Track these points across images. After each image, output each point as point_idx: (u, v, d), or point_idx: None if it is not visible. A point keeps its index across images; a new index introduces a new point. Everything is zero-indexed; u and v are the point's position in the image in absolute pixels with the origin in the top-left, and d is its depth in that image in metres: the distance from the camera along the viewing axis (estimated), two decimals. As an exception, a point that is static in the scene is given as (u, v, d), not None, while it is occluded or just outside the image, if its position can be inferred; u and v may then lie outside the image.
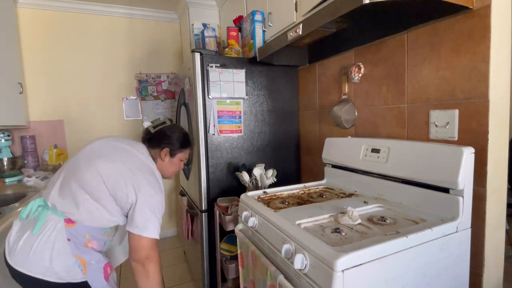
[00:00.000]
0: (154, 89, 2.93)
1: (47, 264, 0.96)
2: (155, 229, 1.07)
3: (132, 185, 1.05)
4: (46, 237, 0.98)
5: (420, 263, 0.87)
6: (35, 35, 2.50)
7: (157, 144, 1.23)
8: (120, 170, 1.06)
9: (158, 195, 1.09)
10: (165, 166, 1.25)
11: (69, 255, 1.00)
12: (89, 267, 1.05)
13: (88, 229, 1.05)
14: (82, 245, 1.05)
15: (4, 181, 1.98)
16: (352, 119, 1.51)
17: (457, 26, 1.03)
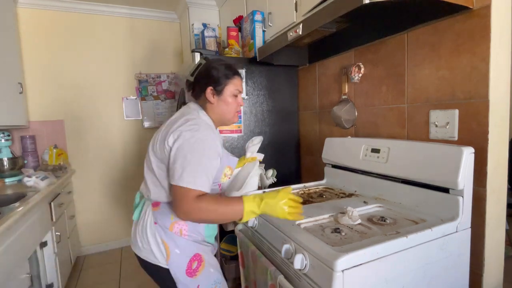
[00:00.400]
0: (154, 89, 2.93)
1: (147, 247, 1.01)
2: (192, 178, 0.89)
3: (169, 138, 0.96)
4: (142, 221, 1.03)
5: (420, 263, 0.87)
6: (35, 35, 2.50)
7: (200, 88, 1.08)
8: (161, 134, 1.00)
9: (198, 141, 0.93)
10: (217, 108, 1.08)
11: (157, 238, 0.99)
12: (172, 255, 0.99)
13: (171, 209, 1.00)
14: (167, 228, 0.99)
15: (4, 181, 1.98)
16: (352, 119, 1.51)
17: (457, 26, 1.03)
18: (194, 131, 0.95)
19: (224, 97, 1.07)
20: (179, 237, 1.00)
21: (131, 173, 2.93)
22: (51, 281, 1.76)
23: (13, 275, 1.26)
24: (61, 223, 2.08)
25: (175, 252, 0.98)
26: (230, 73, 1.08)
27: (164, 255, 0.98)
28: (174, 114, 1.11)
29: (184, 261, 0.99)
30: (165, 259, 0.98)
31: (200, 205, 0.88)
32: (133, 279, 2.31)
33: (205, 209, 0.88)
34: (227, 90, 1.07)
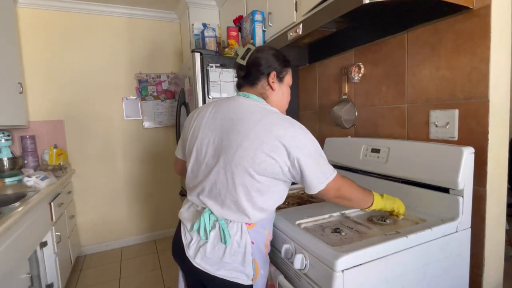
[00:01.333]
0: (154, 89, 2.93)
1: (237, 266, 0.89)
2: (327, 167, 0.86)
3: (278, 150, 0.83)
4: (236, 242, 0.89)
5: (420, 263, 0.87)
6: (35, 35, 2.50)
7: (258, 74, 0.95)
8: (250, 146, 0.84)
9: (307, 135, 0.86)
10: (277, 96, 0.98)
11: (249, 257, 0.89)
12: (259, 276, 0.92)
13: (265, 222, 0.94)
14: (263, 244, 0.93)
15: (4, 181, 1.98)
16: (352, 119, 1.51)
17: (457, 26, 1.03)
18: (299, 129, 0.85)
19: (284, 85, 1.00)
20: (266, 258, 0.95)
21: (131, 173, 2.93)
22: (51, 281, 1.76)
23: (13, 275, 1.26)
24: (61, 223, 2.08)
25: (261, 272, 0.93)
26: (288, 63, 1.01)
27: (252, 275, 0.90)
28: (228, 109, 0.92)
29: (264, 281, 0.96)
30: (251, 278, 0.90)
31: (345, 179, 0.92)
32: (133, 279, 2.31)
33: (350, 184, 0.93)
34: (287, 79, 1.00)
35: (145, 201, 3.00)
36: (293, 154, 0.81)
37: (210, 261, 0.88)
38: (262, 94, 0.96)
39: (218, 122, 0.91)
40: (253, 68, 0.96)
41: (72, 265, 2.30)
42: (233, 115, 0.89)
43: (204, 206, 0.92)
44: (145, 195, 2.99)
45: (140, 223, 3.01)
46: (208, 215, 0.90)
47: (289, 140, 0.81)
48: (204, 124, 0.94)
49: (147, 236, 3.03)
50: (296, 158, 0.81)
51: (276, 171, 0.83)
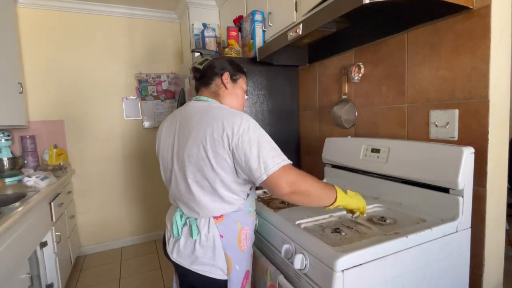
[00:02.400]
0: (154, 89, 2.93)
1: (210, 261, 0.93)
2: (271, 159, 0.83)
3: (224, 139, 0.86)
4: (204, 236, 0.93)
5: (420, 263, 0.87)
6: (35, 35, 2.50)
7: (212, 75, 1.02)
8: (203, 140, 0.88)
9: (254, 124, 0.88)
10: (230, 96, 1.03)
11: (220, 252, 0.93)
12: (233, 271, 0.94)
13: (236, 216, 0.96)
14: (234, 238, 0.95)
15: (4, 181, 1.98)
16: (352, 119, 1.51)
17: (457, 26, 1.03)
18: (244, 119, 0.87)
19: (237, 87, 1.06)
20: (241, 252, 0.97)
21: (131, 173, 2.93)
22: (51, 281, 1.76)
23: (13, 275, 1.26)
24: (61, 223, 2.08)
25: (235, 267, 0.95)
26: (242, 70, 1.09)
27: (225, 269, 0.93)
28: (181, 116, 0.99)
29: (240, 277, 0.97)
30: (225, 273, 0.94)
31: (302, 172, 0.87)
32: (133, 279, 2.31)
33: (308, 177, 0.87)
34: (240, 82, 1.07)
35: (145, 201, 3.00)
36: (234, 142, 0.84)
37: (183, 255, 0.96)
38: (215, 93, 1.02)
39: (173, 129, 1.00)
40: (208, 69, 1.04)
41: (72, 265, 2.30)
42: (182, 120, 0.97)
43: (178, 206, 1.01)
44: (145, 195, 2.99)
45: (140, 223, 3.01)
46: (180, 214, 0.99)
47: (229, 129, 0.84)
48: (164, 134, 1.04)
49: (147, 236, 3.03)
50: (236, 146, 0.83)
51: (222, 162, 0.86)
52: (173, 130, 0.99)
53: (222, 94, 1.02)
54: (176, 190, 0.98)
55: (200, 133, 0.88)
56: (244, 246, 0.98)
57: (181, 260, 0.96)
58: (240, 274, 0.96)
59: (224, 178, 0.89)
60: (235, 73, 1.05)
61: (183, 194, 0.95)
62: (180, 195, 0.97)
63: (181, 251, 0.96)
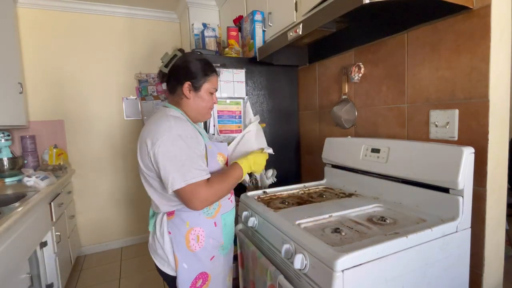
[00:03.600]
0: (154, 89, 2.93)
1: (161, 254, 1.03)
2: (184, 175, 0.90)
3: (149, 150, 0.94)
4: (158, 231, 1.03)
5: (420, 263, 0.87)
6: (35, 35, 2.50)
7: (176, 82, 1.04)
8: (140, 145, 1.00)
9: (175, 139, 0.92)
10: (193, 104, 1.05)
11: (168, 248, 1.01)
12: (180, 268, 1.00)
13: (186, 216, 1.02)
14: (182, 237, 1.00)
15: (4, 181, 1.98)
16: (352, 119, 1.51)
17: (457, 26, 1.03)
18: (166, 131, 0.93)
19: (201, 94, 1.06)
20: (189, 252, 1.00)
21: (131, 173, 2.93)
22: (51, 281, 1.76)
23: (13, 275, 1.26)
24: (61, 223, 2.08)
25: (182, 266, 0.99)
26: (208, 71, 1.06)
27: (173, 265, 1.01)
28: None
29: (189, 276, 1.01)
30: (174, 268, 1.01)
31: (212, 189, 0.95)
32: (133, 279, 2.31)
33: (218, 189, 0.96)
34: (204, 87, 1.06)
35: (145, 201, 3.00)
36: (154, 150, 0.92)
37: (151, 246, 1.07)
38: (178, 103, 1.07)
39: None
40: (172, 77, 1.06)
41: (72, 265, 2.30)
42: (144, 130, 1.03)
43: None
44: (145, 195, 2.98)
45: (140, 223, 3.01)
46: (152, 209, 1.11)
47: (152, 136, 0.93)
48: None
49: (147, 236, 3.03)
50: (154, 153, 0.92)
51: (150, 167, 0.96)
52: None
53: (184, 103, 1.06)
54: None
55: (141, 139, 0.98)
56: (195, 247, 1.01)
57: (150, 250, 1.08)
58: (189, 273, 1.00)
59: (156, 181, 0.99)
60: (200, 79, 1.04)
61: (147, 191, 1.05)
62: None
63: (150, 242, 1.08)
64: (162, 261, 1.03)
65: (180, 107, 1.06)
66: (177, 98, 1.06)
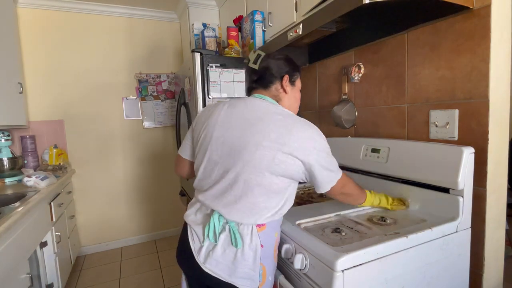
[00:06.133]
0: (154, 89, 2.92)
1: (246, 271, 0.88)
2: (334, 173, 0.90)
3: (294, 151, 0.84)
4: (246, 245, 0.87)
5: (420, 263, 0.88)
6: (35, 35, 2.50)
7: (271, 77, 0.97)
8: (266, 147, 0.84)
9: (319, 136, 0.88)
10: (289, 100, 0.99)
11: (258, 261, 0.87)
12: (266, 282, 0.90)
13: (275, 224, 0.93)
14: (271, 248, 0.92)
15: (4, 181, 1.98)
16: (352, 119, 1.51)
17: (457, 26, 1.03)
18: (314, 130, 0.88)
19: (295, 89, 1.02)
20: (274, 262, 0.93)
21: (131, 173, 2.93)
22: (51, 281, 1.76)
23: (13, 275, 1.26)
24: (61, 223, 2.08)
25: (269, 279, 0.90)
26: (298, 67, 1.03)
27: (259, 280, 0.88)
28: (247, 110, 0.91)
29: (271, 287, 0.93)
30: (258, 284, 0.87)
31: (348, 177, 0.98)
32: (133, 279, 2.31)
33: (352, 182, 1.01)
34: (297, 83, 1.03)
35: (145, 201, 3.00)
36: (309, 156, 0.84)
37: (221, 265, 0.86)
38: (275, 97, 0.97)
39: (234, 121, 0.89)
40: (267, 72, 0.97)
41: (72, 265, 2.30)
42: (250, 115, 0.88)
43: (214, 208, 0.89)
44: (145, 195, 2.99)
45: (140, 223, 3.01)
46: (218, 216, 0.88)
47: (307, 142, 0.84)
48: (218, 123, 0.91)
49: (147, 236, 3.03)
50: (310, 160, 0.84)
51: (293, 172, 0.85)
52: (234, 123, 0.89)
53: (282, 98, 0.98)
54: (222, 188, 0.88)
55: (280, 139, 0.82)
56: (276, 255, 0.94)
57: (217, 271, 0.86)
58: (271, 285, 0.92)
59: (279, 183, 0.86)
60: (293, 74, 1.00)
61: (239, 194, 0.85)
62: (225, 195, 0.87)
63: (218, 261, 0.86)
64: (244, 281, 0.86)
65: (279, 102, 0.97)
66: (274, 92, 0.97)
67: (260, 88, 0.98)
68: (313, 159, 0.84)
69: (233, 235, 0.86)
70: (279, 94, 0.97)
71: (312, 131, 0.87)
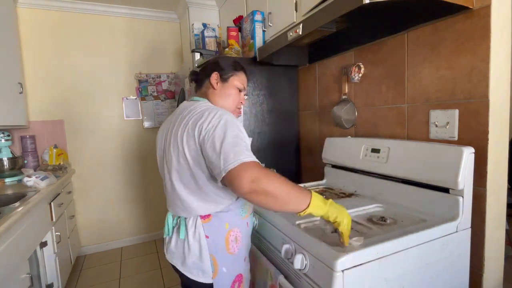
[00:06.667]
0: (154, 89, 2.93)
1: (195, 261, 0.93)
2: (232, 153, 0.76)
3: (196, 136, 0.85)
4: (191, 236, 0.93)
5: (420, 263, 0.87)
6: (35, 35, 2.50)
7: (205, 75, 1.04)
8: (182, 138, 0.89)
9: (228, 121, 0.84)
10: (219, 96, 1.01)
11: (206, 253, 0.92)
12: (219, 273, 0.93)
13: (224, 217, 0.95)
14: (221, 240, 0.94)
15: (4, 181, 1.98)
16: (352, 119, 1.51)
17: (457, 26, 1.03)
18: (219, 114, 0.86)
19: (228, 86, 1.03)
20: (228, 254, 0.95)
21: (131, 173, 2.93)
22: (51, 281, 1.76)
23: (13, 275, 1.26)
24: (61, 223, 2.08)
25: (222, 270, 0.93)
26: (238, 67, 1.07)
27: (211, 271, 0.92)
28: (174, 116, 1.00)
29: (229, 280, 0.95)
30: (211, 276, 0.92)
31: (267, 171, 0.77)
32: (133, 279, 2.31)
33: (273, 176, 0.76)
34: (232, 80, 1.04)
35: (145, 201, 3.00)
36: (202, 137, 0.84)
37: (175, 255, 0.96)
38: (205, 93, 1.04)
39: (165, 129, 1.01)
40: (201, 71, 1.07)
41: (72, 265, 2.30)
42: (173, 119, 0.99)
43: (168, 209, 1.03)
44: (145, 195, 2.99)
45: (140, 223, 3.01)
46: (172, 214, 1.00)
47: (202, 122, 0.85)
48: (159, 134, 1.05)
49: (147, 236, 3.03)
50: (203, 141, 0.83)
51: (196, 155, 0.86)
52: (165, 130, 1.01)
53: (210, 95, 1.03)
54: (166, 189, 1.01)
55: (179, 131, 0.90)
56: (233, 249, 0.96)
57: (173, 260, 0.97)
58: (228, 277, 0.94)
59: (201, 176, 0.88)
60: (228, 71, 1.03)
61: (170, 193, 0.97)
62: (168, 194, 0.99)
63: (172, 251, 0.97)
64: (195, 271, 0.92)
65: (208, 99, 1.02)
66: (204, 89, 1.04)
67: (197, 89, 1.09)
68: (203, 137, 0.83)
69: (179, 227, 0.96)
70: (207, 91, 1.04)
71: (209, 113, 0.87)
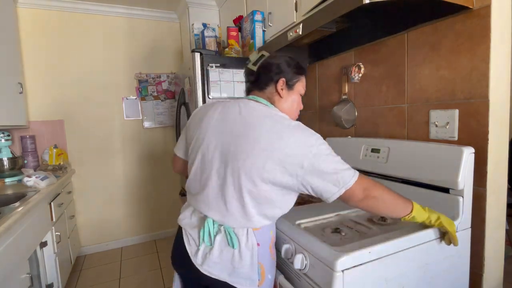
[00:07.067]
0: (154, 89, 2.92)
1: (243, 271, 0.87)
2: (346, 170, 0.80)
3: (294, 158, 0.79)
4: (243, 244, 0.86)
5: (420, 263, 0.88)
6: (35, 35, 2.50)
7: (267, 79, 0.94)
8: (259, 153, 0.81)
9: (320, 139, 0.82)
10: (284, 103, 0.95)
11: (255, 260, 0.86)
12: (266, 280, 0.89)
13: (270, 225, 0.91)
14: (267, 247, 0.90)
15: (4, 181, 1.98)
16: (352, 119, 1.51)
17: (457, 26, 1.03)
18: (308, 134, 0.82)
19: (293, 93, 0.97)
20: (272, 261, 0.92)
21: (131, 173, 2.93)
22: (51, 281, 1.76)
23: (13, 275, 1.26)
24: (61, 223, 2.08)
25: (268, 277, 0.89)
26: (302, 71, 0.99)
27: (258, 279, 0.87)
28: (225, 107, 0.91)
29: (272, 286, 0.92)
30: (257, 283, 0.87)
31: (371, 179, 0.82)
32: (133, 279, 2.31)
33: (378, 184, 0.83)
34: (297, 87, 0.98)
35: (145, 201, 3.00)
36: (303, 164, 0.77)
37: (219, 266, 0.86)
38: (270, 99, 0.94)
39: (227, 125, 0.88)
40: (263, 73, 0.95)
41: (72, 265, 2.30)
42: (244, 120, 0.86)
43: (207, 215, 0.88)
44: (145, 195, 2.99)
45: (140, 223, 3.01)
46: (212, 221, 0.88)
47: (300, 148, 0.78)
48: (212, 127, 0.90)
49: (147, 236, 3.03)
50: (305, 168, 0.78)
51: (286, 180, 0.80)
52: (227, 127, 0.88)
53: (276, 102, 0.94)
54: (212, 194, 0.87)
55: (270, 146, 0.79)
56: (274, 255, 0.94)
57: (215, 272, 0.86)
58: (271, 283, 0.91)
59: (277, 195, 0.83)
60: (293, 77, 0.95)
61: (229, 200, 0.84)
62: (217, 201, 0.86)
63: (215, 262, 0.86)
64: (243, 280, 0.86)
65: (273, 104, 0.94)
66: (268, 94, 0.95)
67: (255, 89, 0.97)
68: (307, 167, 0.77)
69: (228, 236, 0.85)
70: (273, 97, 0.94)
71: (305, 135, 0.81)
